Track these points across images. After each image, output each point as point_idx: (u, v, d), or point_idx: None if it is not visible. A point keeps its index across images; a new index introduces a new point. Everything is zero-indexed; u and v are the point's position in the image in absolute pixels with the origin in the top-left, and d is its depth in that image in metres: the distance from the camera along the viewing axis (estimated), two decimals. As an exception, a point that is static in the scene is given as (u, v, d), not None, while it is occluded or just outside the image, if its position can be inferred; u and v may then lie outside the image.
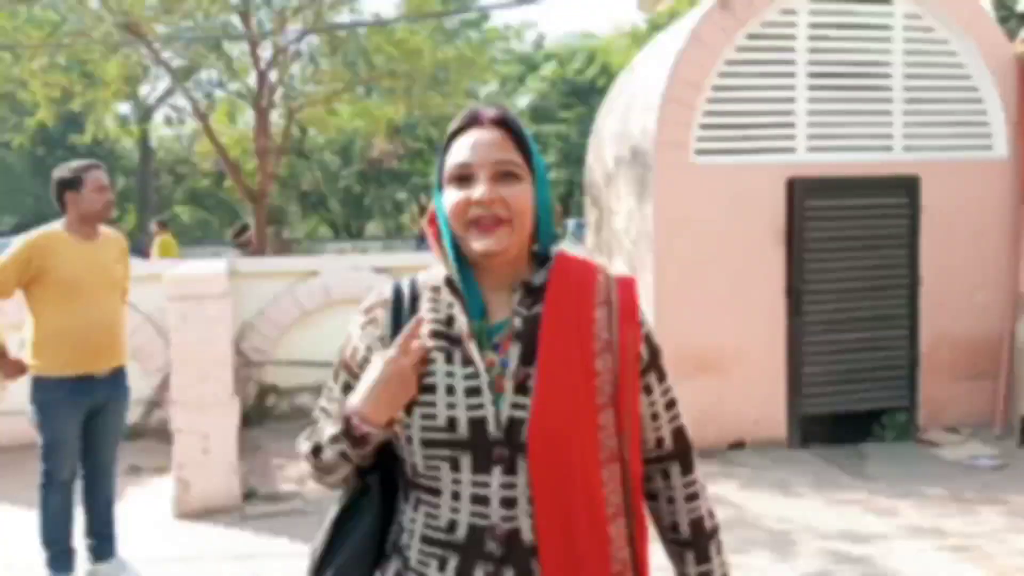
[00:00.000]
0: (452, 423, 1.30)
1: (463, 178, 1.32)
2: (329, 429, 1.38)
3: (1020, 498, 4.96)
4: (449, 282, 1.38)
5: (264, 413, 7.35)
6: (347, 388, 1.44)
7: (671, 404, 1.47)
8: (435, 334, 1.35)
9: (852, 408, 6.35)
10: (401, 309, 1.41)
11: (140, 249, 14.15)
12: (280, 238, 14.31)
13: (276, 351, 7.49)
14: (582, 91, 21.82)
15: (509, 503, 1.29)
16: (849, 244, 6.28)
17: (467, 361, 1.33)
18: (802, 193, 6.18)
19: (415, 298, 1.42)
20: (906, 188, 6.38)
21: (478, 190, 1.30)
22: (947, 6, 6.40)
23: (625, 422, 1.34)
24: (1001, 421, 6.30)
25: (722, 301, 6.10)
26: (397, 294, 1.43)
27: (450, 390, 1.31)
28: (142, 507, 5.23)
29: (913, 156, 6.45)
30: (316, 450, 1.41)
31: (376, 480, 1.42)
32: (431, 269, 1.46)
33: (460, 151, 1.34)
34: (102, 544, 4.14)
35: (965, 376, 6.47)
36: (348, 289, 7.65)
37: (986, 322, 6.49)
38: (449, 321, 1.37)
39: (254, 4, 11.10)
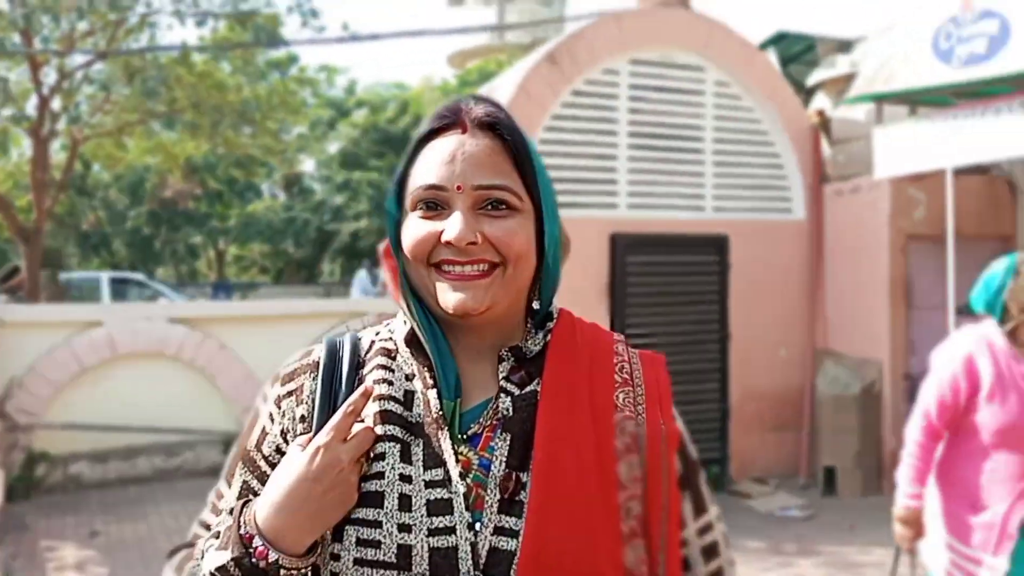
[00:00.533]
0: (405, 555, 0.88)
1: (433, 204, 0.95)
2: (214, 555, 0.90)
3: (832, 548, 5.14)
4: (412, 342, 0.99)
5: (33, 485, 6.38)
6: (249, 493, 0.98)
7: (712, 551, 1.02)
8: (386, 417, 0.94)
9: (671, 462, 6.44)
10: (336, 377, 0.98)
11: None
12: (55, 282, 12.88)
13: (49, 412, 6.57)
14: (394, 140, 21.65)
15: None
16: (667, 299, 6.43)
17: (432, 460, 0.92)
18: (623, 248, 6.26)
19: (359, 363, 1.00)
20: (716, 246, 6.64)
21: (452, 226, 0.92)
22: (752, 76, 6.80)
23: (660, 563, 0.92)
24: (805, 471, 6.61)
25: (548, 355, 6.00)
26: (332, 355, 1.00)
27: (405, 503, 0.90)
28: None
29: (722, 216, 6.73)
30: None
31: None
32: (387, 322, 1.06)
33: (430, 166, 0.95)
34: None
35: (771, 428, 6.75)
36: (138, 342, 6.91)
37: (789, 376, 6.83)
38: (407, 399, 0.96)
39: (38, 22, 10.01)
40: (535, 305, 1.01)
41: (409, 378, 0.98)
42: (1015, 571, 2.52)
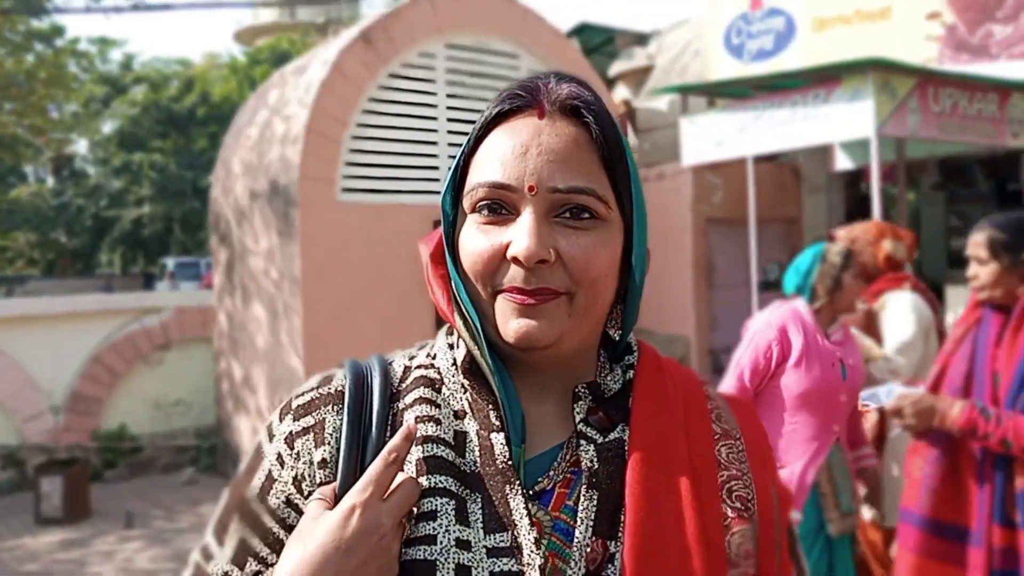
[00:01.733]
0: None
1: (497, 206, 0.76)
2: None
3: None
4: (469, 371, 0.79)
5: None
6: (248, 556, 0.78)
7: None
8: (434, 465, 0.76)
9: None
10: (365, 411, 0.79)
11: None
12: None
13: None
14: (179, 119, 20.26)
15: None
16: (489, 284, 6.46)
17: (496, 522, 0.74)
18: (445, 234, 6.21)
19: (393, 393, 0.81)
20: (534, 231, 6.75)
21: (520, 237, 0.74)
22: (563, 65, 6.95)
23: None
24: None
25: (373, 346, 5.81)
26: (358, 383, 0.80)
27: None
28: None
29: (539, 201, 6.86)
30: None
31: None
32: (422, 345, 0.88)
33: (497, 159, 0.76)
34: None
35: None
36: None
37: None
38: (458, 442, 0.77)
39: None
40: (612, 334, 0.84)
41: (459, 416, 0.79)
42: (805, 523, 2.80)
